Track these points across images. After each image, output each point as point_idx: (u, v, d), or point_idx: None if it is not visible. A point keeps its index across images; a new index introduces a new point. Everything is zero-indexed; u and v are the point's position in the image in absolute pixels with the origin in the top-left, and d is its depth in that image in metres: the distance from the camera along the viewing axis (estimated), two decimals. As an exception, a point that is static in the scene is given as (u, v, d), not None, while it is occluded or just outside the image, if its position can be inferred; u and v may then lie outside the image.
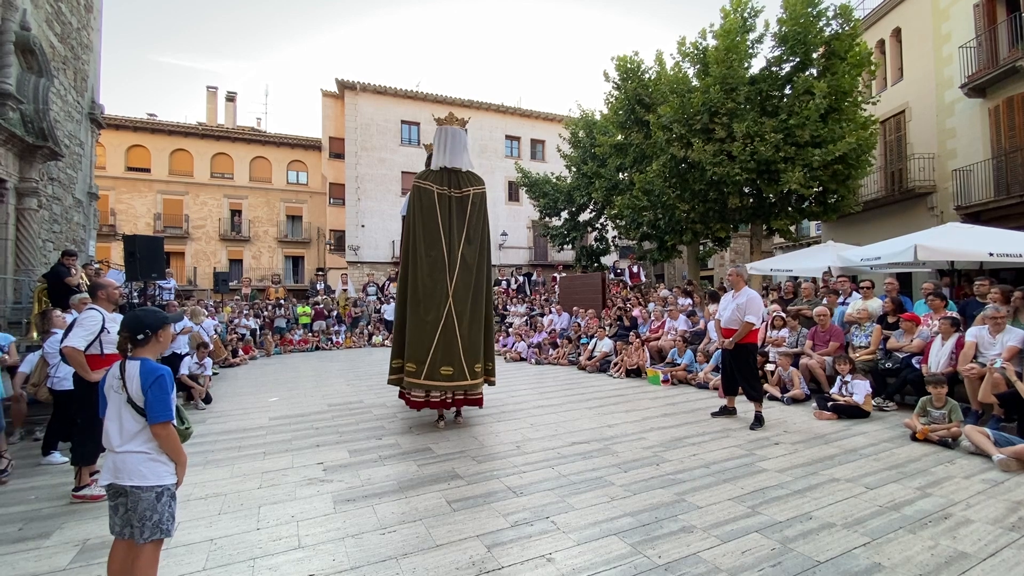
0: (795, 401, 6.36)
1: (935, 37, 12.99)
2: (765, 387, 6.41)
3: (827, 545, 2.75)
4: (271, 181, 27.54)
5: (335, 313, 16.14)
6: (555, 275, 17.66)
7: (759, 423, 5.26)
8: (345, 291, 17.64)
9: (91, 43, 11.47)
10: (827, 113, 10.71)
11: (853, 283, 8.20)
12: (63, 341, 3.67)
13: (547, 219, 21.06)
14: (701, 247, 17.03)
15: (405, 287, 5.79)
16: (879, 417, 5.59)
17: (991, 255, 6.89)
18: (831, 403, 5.65)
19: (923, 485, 3.59)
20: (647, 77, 13.95)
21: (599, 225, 19.55)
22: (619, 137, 15.50)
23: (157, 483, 2.11)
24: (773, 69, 11.56)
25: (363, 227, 23.41)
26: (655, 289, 13.92)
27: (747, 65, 11.47)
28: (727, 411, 5.78)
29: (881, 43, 14.93)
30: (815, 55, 11.25)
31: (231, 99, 29.54)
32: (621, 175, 16.40)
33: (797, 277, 11.14)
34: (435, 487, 3.72)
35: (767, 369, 7.04)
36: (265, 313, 14.94)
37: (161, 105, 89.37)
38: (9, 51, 7.70)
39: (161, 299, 11.09)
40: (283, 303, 15.88)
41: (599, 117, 17.84)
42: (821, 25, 11.02)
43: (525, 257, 26.34)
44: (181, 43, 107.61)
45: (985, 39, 11.55)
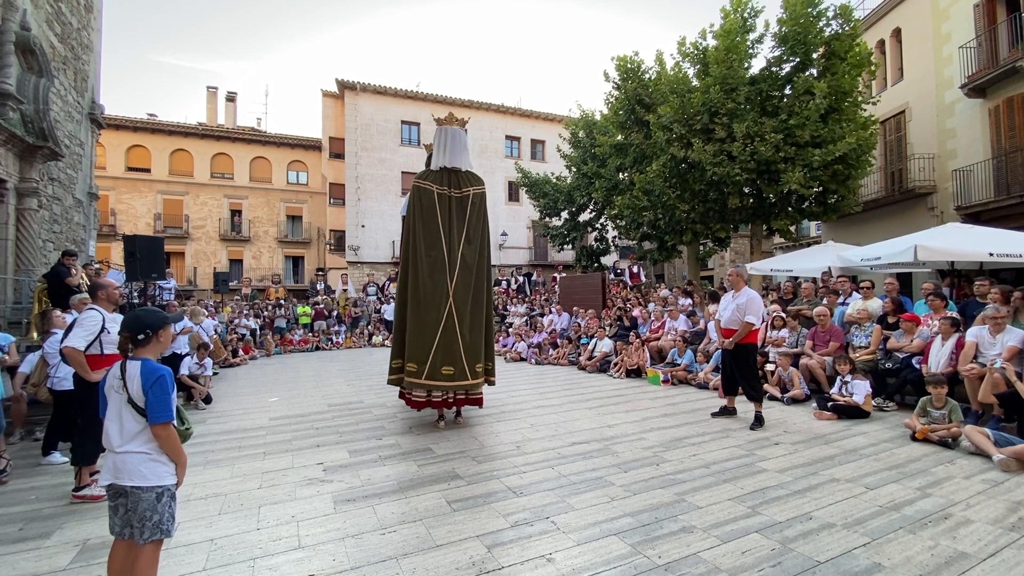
0: (795, 401, 6.36)
1: (935, 37, 12.99)
2: (765, 387, 6.41)
3: (827, 545, 2.75)
4: (271, 181, 27.55)
5: (335, 313, 16.14)
6: (555, 275, 17.65)
7: (759, 423, 5.26)
8: (345, 291, 17.64)
9: (91, 43, 11.47)
10: (827, 113, 10.72)
11: (853, 283, 8.20)
12: (63, 341, 3.67)
13: (547, 219, 21.07)
14: (701, 247, 17.03)
15: (405, 287, 5.79)
16: (879, 417, 5.60)
17: (991, 255, 6.90)
18: (831, 403, 5.65)
19: (923, 485, 3.60)
20: (647, 77, 13.96)
21: (599, 225, 19.55)
22: (619, 137, 15.51)
23: (157, 483, 2.11)
24: (773, 69, 11.56)
25: (363, 227, 23.42)
26: (655, 289, 13.92)
27: (747, 65, 11.48)
28: (727, 411, 5.78)
29: (881, 43, 14.93)
30: (815, 55, 11.26)
31: (231, 99, 29.56)
32: (621, 175, 16.40)
33: (797, 277, 11.13)
34: (435, 487, 3.72)
35: (767, 369, 7.04)
36: (265, 313, 14.95)
37: (161, 105, 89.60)
38: (9, 51, 7.71)
39: (161, 299, 11.09)
40: (283, 303, 15.89)
41: (599, 117, 17.85)
42: (821, 25, 11.03)
43: (525, 257, 26.35)
44: (181, 43, 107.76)
45: (985, 39, 11.56)
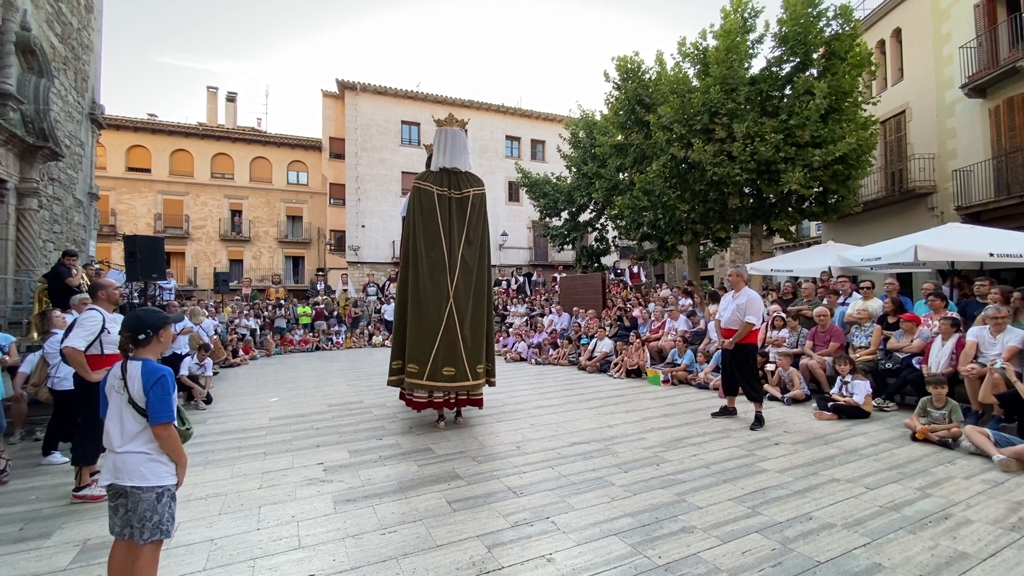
0: (795, 401, 6.36)
1: (935, 37, 12.99)
2: (765, 387, 6.41)
3: (827, 545, 2.75)
4: (271, 181, 27.56)
5: (335, 313, 16.15)
6: (555, 275, 17.64)
7: (759, 423, 5.26)
8: (345, 291, 17.65)
9: (91, 43, 11.48)
10: (827, 113, 10.72)
11: (853, 283, 8.20)
12: (63, 341, 3.68)
13: (547, 219, 21.07)
14: (701, 247, 17.03)
15: (405, 288, 5.79)
16: (879, 417, 5.59)
17: (991, 255, 6.89)
18: (831, 403, 5.64)
19: (923, 485, 3.59)
20: (647, 77, 13.97)
21: (599, 225, 19.56)
22: (619, 137, 15.51)
23: (157, 484, 2.11)
24: (773, 69, 11.57)
25: (363, 227, 23.43)
26: (655, 289, 13.91)
27: (747, 65, 11.48)
28: (727, 411, 5.78)
29: (881, 43, 14.93)
30: (815, 55, 11.27)
31: (231, 99, 29.58)
32: (621, 175, 16.40)
33: (797, 277, 11.13)
34: (435, 487, 3.72)
35: (767, 369, 7.04)
36: (265, 313, 14.95)
37: (161, 105, 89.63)
38: (10, 51, 7.71)
39: (161, 299, 11.10)
40: (283, 303, 15.90)
41: (599, 117, 17.85)
42: (821, 25, 11.04)
43: (525, 257, 26.35)
44: (181, 43, 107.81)
45: (985, 39, 11.56)
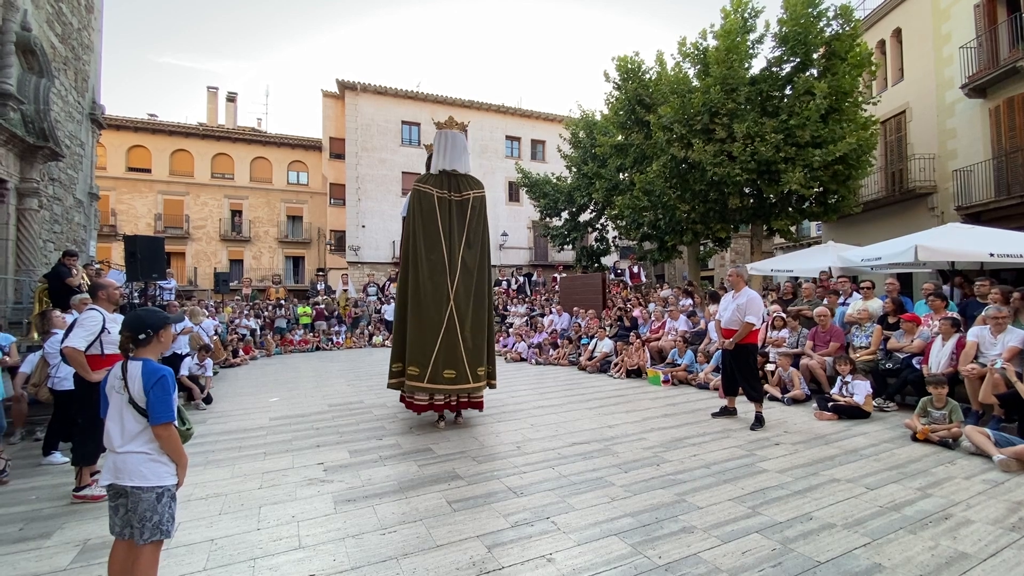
0: (795, 401, 6.36)
1: (935, 37, 12.99)
2: (765, 387, 6.41)
3: (827, 545, 2.75)
4: (271, 181, 27.57)
5: (335, 313, 16.15)
6: (555, 275, 17.63)
7: (759, 423, 5.26)
8: (345, 291, 17.64)
9: (92, 43, 11.48)
10: (827, 113, 10.72)
11: (854, 283, 8.20)
12: (63, 341, 3.68)
13: (547, 219, 21.07)
14: (701, 247, 17.02)
15: (405, 289, 5.78)
16: (879, 418, 5.59)
17: (992, 255, 6.90)
18: (831, 403, 5.64)
19: (923, 485, 3.59)
20: (647, 77, 13.97)
21: (599, 225, 19.56)
22: (619, 137, 15.51)
23: (158, 484, 2.11)
24: (773, 69, 11.57)
25: (363, 227, 23.43)
26: (655, 289, 13.91)
27: (747, 65, 11.48)
28: (727, 411, 5.77)
29: (881, 43, 14.93)
30: (815, 55, 11.27)
31: (231, 99, 29.58)
32: (621, 175, 16.40)
33: (797, 278, 11.13)
34: (435, 487, 3.72)
35: (767, 369, 7.03)
36: (265, 313, 14.95)
37: (161, 105, 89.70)
38: (10, 51, 7.72)
39: (161, 299, 11.09)
40: (283, 303, 15.90)
41: (599, 117, 17.85)
42: (821, 25, 11.04)
43: (525, 257, 26.35)
44: (181, 43, 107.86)
45: (985, 39, 11.55)
